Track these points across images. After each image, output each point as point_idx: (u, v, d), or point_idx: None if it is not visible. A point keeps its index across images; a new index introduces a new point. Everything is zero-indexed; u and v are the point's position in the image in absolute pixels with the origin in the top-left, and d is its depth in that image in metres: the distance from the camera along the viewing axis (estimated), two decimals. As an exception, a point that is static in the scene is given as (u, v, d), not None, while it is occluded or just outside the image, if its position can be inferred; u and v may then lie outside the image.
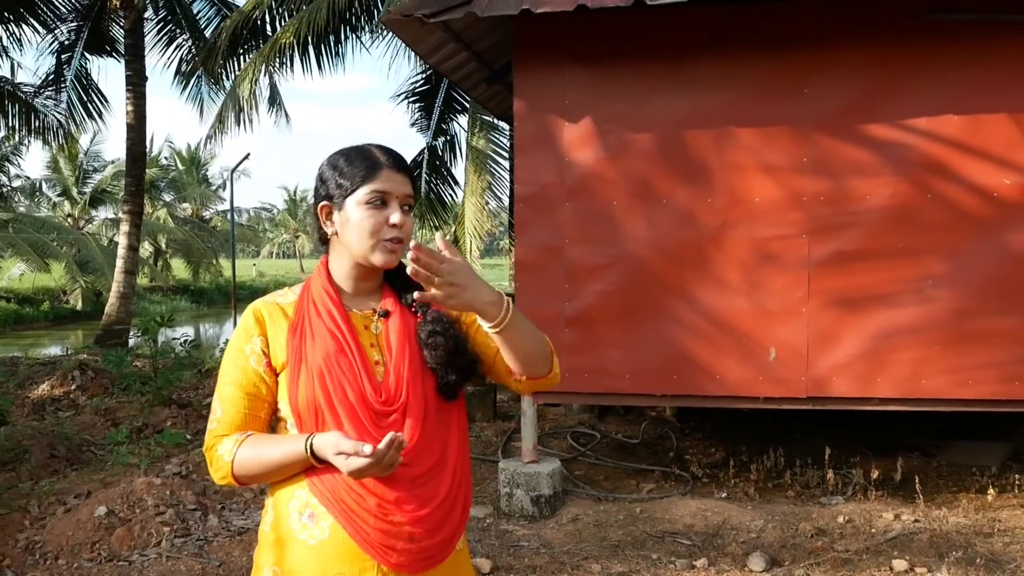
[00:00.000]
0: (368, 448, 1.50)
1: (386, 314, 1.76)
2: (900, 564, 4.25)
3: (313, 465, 1.63)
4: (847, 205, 4.91)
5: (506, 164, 11.72)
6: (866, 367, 4.92)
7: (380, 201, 1.68)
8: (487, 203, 12.19)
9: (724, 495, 5.41)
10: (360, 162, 1.70)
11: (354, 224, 1.69)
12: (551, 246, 5.24)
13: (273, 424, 1.77)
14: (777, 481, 5.61)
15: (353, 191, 1.69)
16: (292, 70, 15.19)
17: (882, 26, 4.84)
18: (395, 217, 1.68)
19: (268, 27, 13.01)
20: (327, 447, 1.57)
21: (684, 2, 4.59)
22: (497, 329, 1.60)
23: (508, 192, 11.81)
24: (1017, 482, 5.27)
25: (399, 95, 12.99)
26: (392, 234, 1.68)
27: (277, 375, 1.73)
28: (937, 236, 4.82)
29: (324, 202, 1.75)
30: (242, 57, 13.55)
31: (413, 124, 13.07)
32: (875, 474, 5.34)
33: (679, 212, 5.10)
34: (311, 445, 1.61)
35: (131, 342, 13.84)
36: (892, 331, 4.88)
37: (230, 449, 1.67)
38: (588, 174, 5.18)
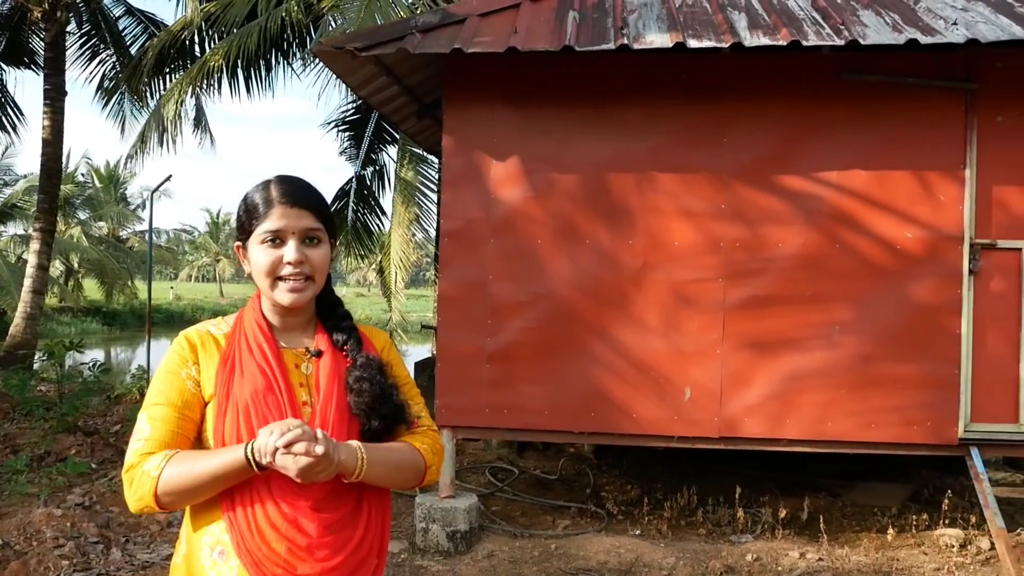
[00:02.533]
0: (295, 422, 1.52)
1: (319, 354, 1.75)
2: (804, 602, 4.37)
3: (232, 499, 1.61)
4: (761, 252, 5.10)
5: (434, 197, 11.74)
6: (776, 409, 5.08)
7: (274, 240, 1.68)
8: (414, 234, 12.16)
9: (638, 532, 5.48)
10: (256, 201, 1.71)
11: (253, 264, 1.71)
12: (475, 281, 5.28)
13: None
14: (690, 519, 5.71)
15: (251, 232, 1.70)
16: (220, 92, 14.99)
17: (799, 83, 5.08)
18: (289, 255, 1.67)
19: (196, 48, 12.82)
20: (265, 445, 1.52)
21: (611, 50, 4.74)
22: (355, 479, 1.64)
23: (435, 224, 11.84)
24: (915, 522, 5.48)
25: (329, 123, 12.94)
26: (289, 271, 1.67)
27: (205, 405, 1.70)
28: (844, 284, 5.04)
29: (238, 243, 1.76)
30: (168, 76, 13.29)
31: (343, 152, 13.02)
32: (783, 513, 5.49)
33: (601, 253, 5.21)
34: (250, 449, 1.56)
35: (36, 365, 13.27)
36: (801, 374, 5.06)
37: (157, 464, 1.60)
38: (514, 212, 5.26)
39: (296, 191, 1.72)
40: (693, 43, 4.68)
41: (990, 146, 4.98)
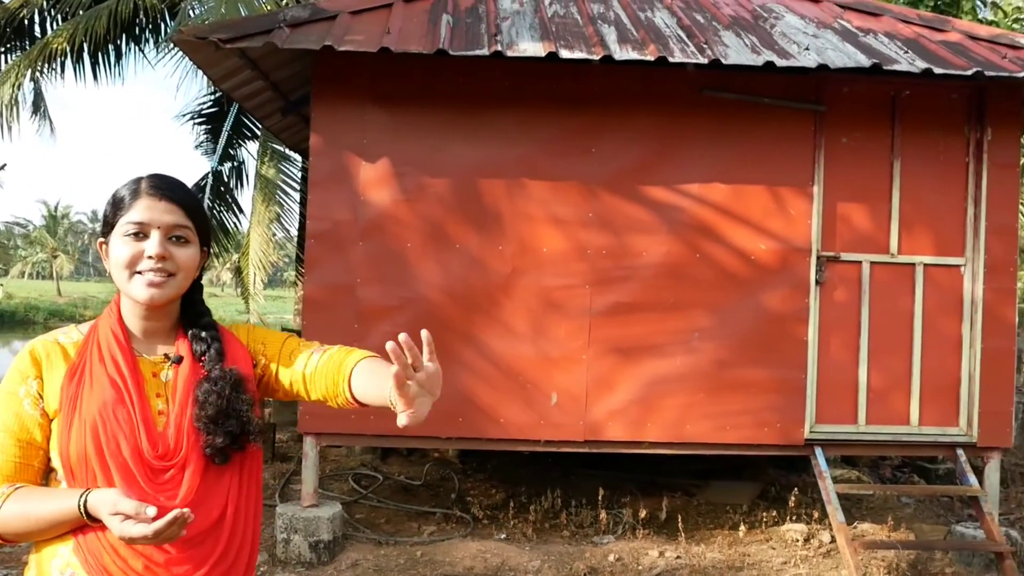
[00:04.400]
0: (152, 510, 1.40)
1: (179, 360, 1.66)
2: (663, 600, 4.52)
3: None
4: (626, 260, 5.24)
5: (297, 196, 11.42)
6: (638, 412, 5.24)
7: (137, 232, 1.58)
8: (274, 234, 11.79)
9: (504, 536, 5.50)
10: (122, 194, 1.61)
11: (112, 258, 1.61)
12: (342, 285, 5.16)
13: (47, 475, 1.61)
14: (554, 521, 5.79)
15: (115, 224, 1.60)
16: (63, 77, 14.01)
17: (663, 98, 5.26)
18: (151, 248, 1.58)
19: (37, 28, 11.92)
20: (103, 505, 1.44)
21: (484, 56, 4.75)
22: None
23: (297, 224, 11.51)
24: (764, 518, 5.78)
25: (184, 115, 12.35)
26: (149, 266, 1.58)
27: (52, 421, 1.58)
28: (704, 293, 5.25)
29: (100, 238, 1.65)
30: (4, 57, 12.31)
31: (198, 146, 12.45)
32: (643, 513, 5.67)
33: (471, 258, 5.20)
34: (85, 503, 1.47)
35: None
36: (662, 379, 5.24)
37: None
38: (383, 214, 5.17)
39: (166, 184, 1.63)
40: (565, 53, 4.75)
41: (836, 165, 5.33)
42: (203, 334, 1.70)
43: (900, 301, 5.40)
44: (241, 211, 12.92)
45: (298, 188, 11.48)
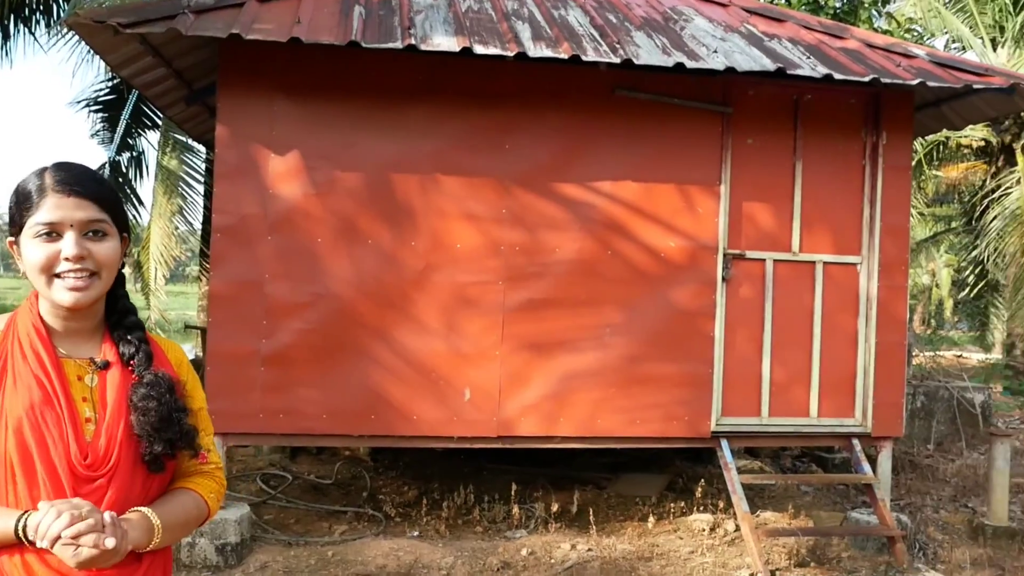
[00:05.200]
0: (111, 542, 1.34)
1: (105, 365, 1.57)
2: (576, 593, 4.57)
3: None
4: (539, 256, 5.27)
5: (201, 188, 11.05)
6: (551, 408, 5.28)
7: (48, 233, 1.49)
8: (177, 227, 11.39)
9: (416, 533, 5.47)
10: (28, 190, 1.51)
11: (26, 261, 1.51)
12: (250, 280, 5.02)
13: None
14: (467, 517, 5.79)
15: (23, 224, 1.51)
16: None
17: (576, 96, 5.30)
18: (68, 249, 1.48)
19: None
20: (47, 529, 1.33)
21: (397, 49, 4.69)
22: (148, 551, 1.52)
23: (201, 218, 11.14)
24: (672, 509, 5.92)
25: (79, 101, 11.77)
26: (68, 267, 1.49)
27: None
28: (615, 289, 5.33)
29: (10, 238, 1.55)
30: None
31: (94, 135, 11.88)
32: (555, 507, 5.72)
33: (383, 254, 5.14)
34: (23, 525, 1.38)
35: None
36: (575, 374, 5.29)
37: None
38: (293, 209, 5.06)
39: (74, 178, 1.53)
40: (480, 49, 4.74)
41: (742, 165, 5.48)
42: (130, 336, 1.61)
43: (801, 298, 5.61)
44: (141, 203, 12.42)
45: (202, 180, 11.11)
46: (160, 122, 11.26)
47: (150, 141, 12.15)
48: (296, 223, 5.07)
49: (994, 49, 15.69)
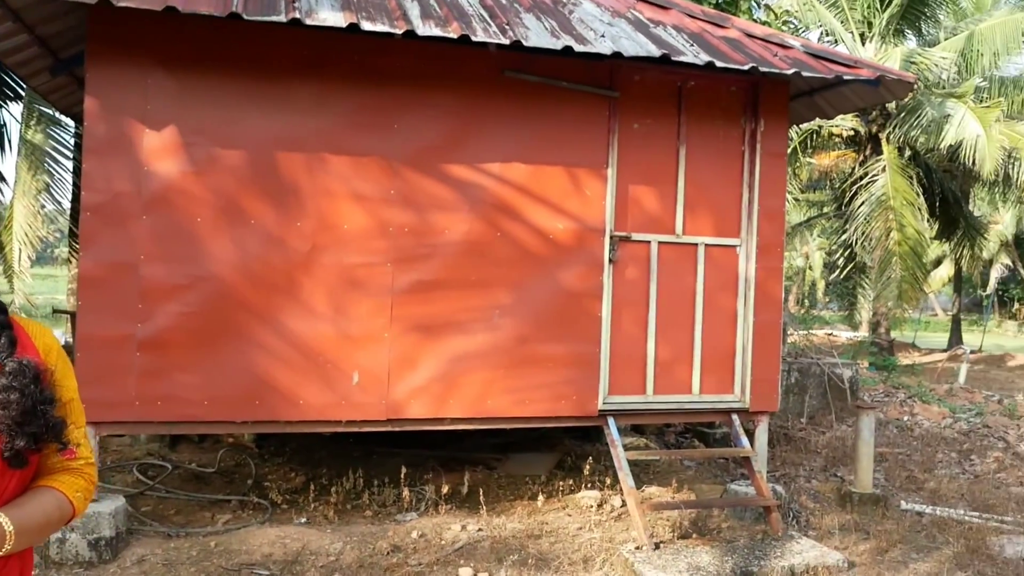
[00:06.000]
0: None
1: None
2: (466, 572, 4.60)
3: None
4: (428, 238, 5.23)
5: (70, 164, 10.46)
6: (441, 389, 5.26)
7: None
8: (43, 206, 10.75)
9: (304, 520, 5.37)
10: None
11: None
12: (123, 262, 4.78)
13: None
14: (356, 502, 5.72)
15: None
16: None
17: (465, 77, 5.27)
18: None
19: None
20: None
21: (281, 23, 4.54)
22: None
23: (71, 196, 10.55)
24: (561, 487, 6.02)
25: (-70, 70, 10.90)
26: None
27: None
28: (505, 270, 5.35)
29: None
30: None
31: (-51, 106, 11.04)
32: (445, 489, 5.72)
33: (267, 234, 4.99)
34: None
35: None
36: (464, 356, 5.29)
37: None
38: (170, 187, 4.84)
39: None
40: (367, 25, 4.64)
41: (628, 149, 5.59)
42: None
43: (684, 279, 5.78)
44: (3, 180, 11.65)
45: (71, 156, 10.51)
46: (24, 93, 10.56)
47: (12, 114, 11.38)
48: (174, 202, 4.85)
49: (863, 43, 16.54)
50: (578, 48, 4.91)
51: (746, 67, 5.21)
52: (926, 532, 5.78)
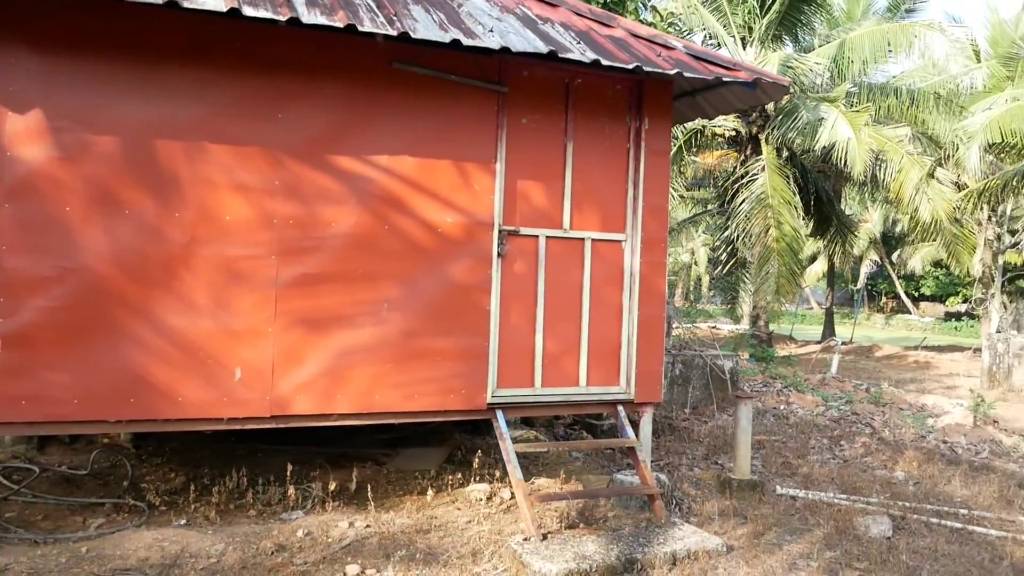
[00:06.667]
0: None
1: None
2: (352, 569, 4.54)
3: None
4: (315, 230, 5.13)
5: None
6: (327, 385, 5.18)
7: None
8: None
9: (184, 522, 5.19)
10: None
11: None
12: (-16, 253, 4.49)
13: None
14: (240, 501, 5.57)
15: None
16: None
17: (353, 68, 5.19)
18: None
19: None
20: None
21: (157, 5, 4.35)
22: None
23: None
24: (451, 482, 6.02)
25: None
26: None
27: None
28: (393, 264, 5.31)
29: None
30: None
31: None
32: (333, 486, 5.64)
33: (144, 225, 4.78)
34: None
35: None
36: (351, 350, 5.22)
37: None
38: (36, 173, 4.57)
39: None
40: (249, 11, 4.50)
41: (516, 144, 5.63)
42: None
43: (571, 273, 5.87)
44: None
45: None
46: None
47: None
48: (40, 189, 4.59)
49: (744, 48, 17.19)
50: (466, 42, 4.91)
51: (631, 66, 5.33)
52: (799, 515, 6.07)
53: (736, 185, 16.89)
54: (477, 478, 6.09)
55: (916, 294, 42.53)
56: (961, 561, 5.32)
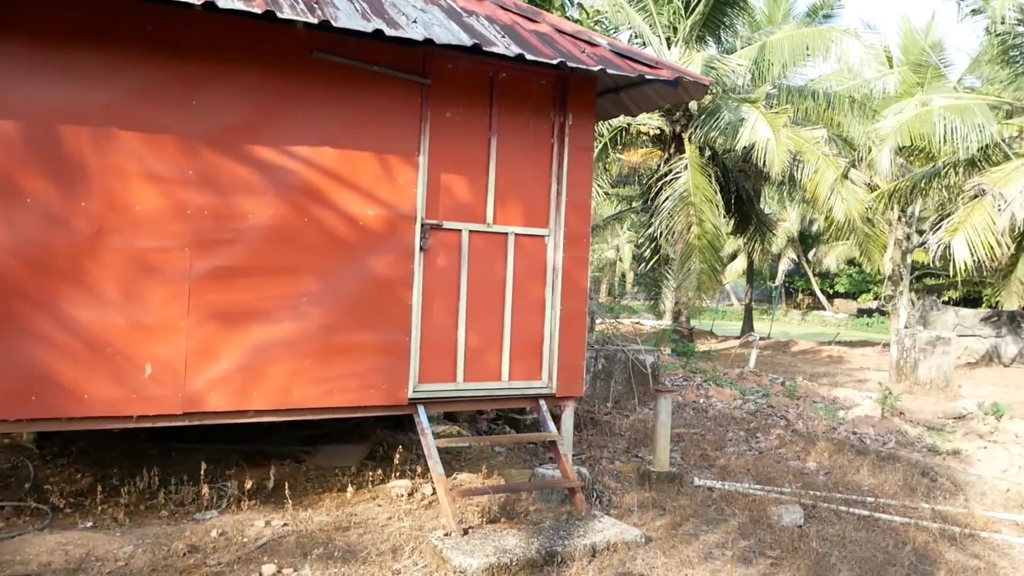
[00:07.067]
0: None
1: None
2: (269, 569, 4.44)
3: None
4: (231, 222, 4.99)
5: None
6: (243, 381, 5.05)
7: None
8: None
9: (90, 524, 4.99)
10: None
11: None
12: None
13: None
14: (151, 502, 5.38)
15: None
16: None
17: (273, 55, 5.06)
18: None
19: None
20: None
21: (62, -17, 4.16)
22: None
23: None
24: (371, 478, 5.94)
25: None
26: None
27: None
28: (312, 257, 5.20)
29: None
30: None
31: None
32: (249, 484, 5.50)
33: (47, 214, 4.57)
34: None
35: None
36: (269, 345, 5.10)
37: None
38: (-71, 159, 4.32)
39: None
40: (161, -7, 4.35)
41: (440, 137, 5.58)
42: None
43: (494, 267, 5.85)
44: None
45: None
46: None
47: None
48: (-67, 176, 4.34)
49: (669, 47, 17.45)
50: (389, 32, 4.83)
51: (555, 61, 5.34)
52: (716, 506, 6.20)
53: (660, 183, 17.16)
54: (398, 474, 6.03)
55: (831, 291, 44.00)
56: (868, 547, 5.51)
